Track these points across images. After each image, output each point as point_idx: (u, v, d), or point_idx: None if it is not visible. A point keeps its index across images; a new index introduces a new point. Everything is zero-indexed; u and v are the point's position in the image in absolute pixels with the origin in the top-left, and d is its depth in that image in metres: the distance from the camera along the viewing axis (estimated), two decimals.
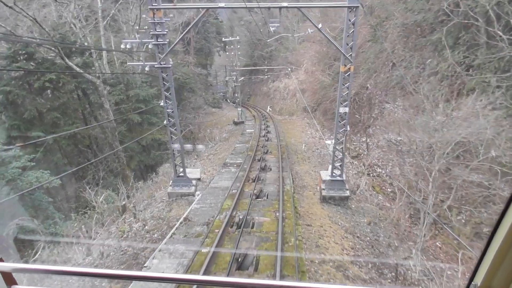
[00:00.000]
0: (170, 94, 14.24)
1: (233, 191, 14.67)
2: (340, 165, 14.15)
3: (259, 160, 19.48)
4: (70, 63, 23.96)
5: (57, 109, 24.58)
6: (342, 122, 13.75)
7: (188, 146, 38.06)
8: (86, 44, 27.51)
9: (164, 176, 23.91)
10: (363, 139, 27.31)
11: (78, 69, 24.30)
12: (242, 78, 78.57)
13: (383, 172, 23.07)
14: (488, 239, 1.54)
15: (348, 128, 13.20)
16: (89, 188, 21.27)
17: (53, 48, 23.35)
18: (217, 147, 29.82)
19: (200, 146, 37.04)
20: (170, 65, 13.66)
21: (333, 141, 13.98)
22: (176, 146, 14.83)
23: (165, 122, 14.47)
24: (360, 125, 28.31)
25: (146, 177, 27.64)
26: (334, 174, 14.20)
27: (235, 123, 41.49)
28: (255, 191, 14.34)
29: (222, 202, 13.54)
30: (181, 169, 15.38)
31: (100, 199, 20.22)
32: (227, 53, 64.50)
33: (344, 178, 14.49)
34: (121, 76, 28.65)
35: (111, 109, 27.10)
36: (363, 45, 29.56)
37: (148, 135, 28.17)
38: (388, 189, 21.51)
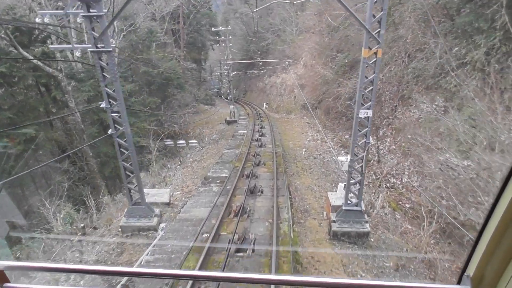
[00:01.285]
0: (115, 91, 9.99)
1: (204, 235, 10.34)
2: (358, 190, 10.21)
3: (247, 177, 15.02)
4: (25, 53, 19.99)
5: (11, 108, 20.66)
6: (362, 131, 9.82)
7: (181, 142, 34.48)
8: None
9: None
10: (373, 142, 23.56)
11: (30, 57, 20.24)
12: (237, 72, 74.89)
13: (398, 182, 19.31)
14: (480, 230, 1.56)
15: (371, 141, 9.22)
16: (50, 201, 17.50)
17: (2, 35, 19.36)
18: (204, 152, 25.96)
19: (193, 142, 33.88)
20: (111, 49, 9.45)
21: (348, 157, 10.02)
22: (131, 163, 10.73)
23: (109, 131, 10.25)
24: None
25: (122, 186, 23.83)
26: (349, 202, 10.26)
27: (228, 122, 37.62)
28: (236, 237, 9.78)
29: (186, 254, 9.37)
30: (150, 189, 11.51)
31: (60, 217, 16.45)
32: (220, 45, 60.65)
33: (363, 207, 10.50)
34: (93, 69, 24.68)
35: (80, 108, 23.12)
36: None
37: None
38: (406, 205, 17.74)
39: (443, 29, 18.84)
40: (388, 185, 19.38)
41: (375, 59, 8.39)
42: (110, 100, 9.51)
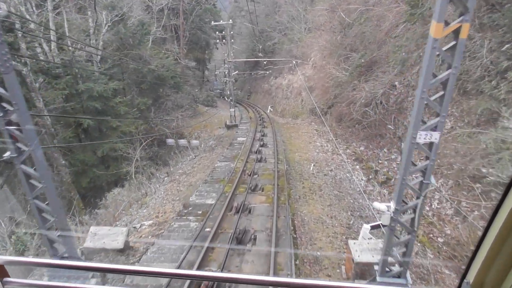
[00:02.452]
0: (8, 89, 5.94)
1: None
2: (403, 254, 6.34)
3: (237, 211, 10.78)
4: None
5: None
6: (420, 167, 5.78)
7: (182, 142, 31.61)
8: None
9: (111, 206, 16.74)
10: (392, 156, 20.04)
11: None
12: (238, 72, 71.52)
13: (427, 208, 15.75)
14: (481, 237, 1.57)
15: (434, 182, 5.43)
16: (10, 218, 14.34)
17: None
18: (197, 161, 22.51)
19: (194, 142, 32.10)
20: None
21: (391, 205, 6.06)
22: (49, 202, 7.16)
23: (6, 154, 6.30)
24: (388, 137, 21.05)
25: (101, 199, 20.52)
26: (388, 270, 6.52)
27: (228, 127, 34.18)
28: None
29: None
30: (100, 228, 7.98)
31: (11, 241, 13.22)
32: (223, 44, 57.29)
33: (410, 280, 6.64)
34: (69, 65, 21.37)
35: (52, 108, 19.75)
36: (393, 29, 22.15)
37: (105, 143, 21.01)
38: (439, 239, 14.22)
39: (489, 22, 15.26)
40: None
41: (454, 42, 4.64)
42: (5, 104, 5.76)
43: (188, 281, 7.01)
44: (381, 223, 6.92)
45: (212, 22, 35.05)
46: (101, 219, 14.97)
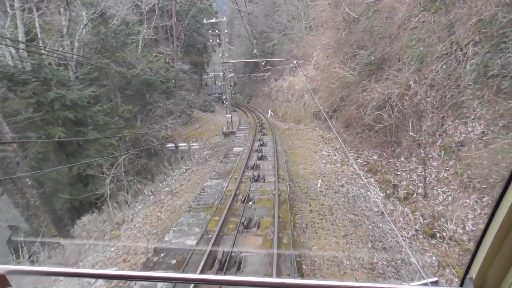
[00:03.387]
0: None
1: None
2: None
3: (221, 267, 7.49)
4: None
5: None
6: None
7: (183, 145, 29.80)
8: None
9: (82, 234, 13.98)
10: (412, 167, 17.25)
11: None
12: (240, 76, 69.14)
13: (460, 231, 12.94)
14: (482, 232, 1.58)
15: None
16: None
17: None
18: (187, 177, 19.77)
19: (194, 145, 30.12)
20: None
21: None
22: None
23: None
24: (404, 144, 18.31)
25: (74, 223, 17.74)
26: None
27: (224, 134, 31.43)
28: None
29: None
30: None
31: None
32: (217, 43, 54.63)
33: None
34: (38, 70, 18.66)
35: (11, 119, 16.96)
36: (409, 20, 19.34)
37: (83, 156, 18.34)
38: None
39: None
40: (444, 234, 13.06)
41: None
42: None
43: (192, 285, 6.62)
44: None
45: (205, 20, 32.17)
46: (64, 258, 12.14)
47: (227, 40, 30.10)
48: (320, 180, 15.85)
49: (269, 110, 45.91)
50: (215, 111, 50.02)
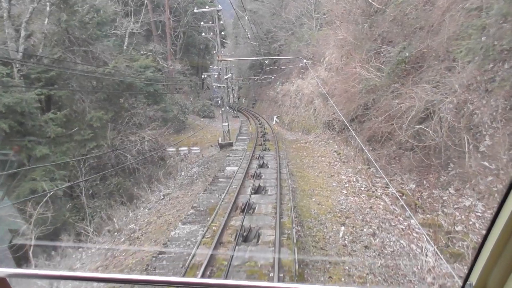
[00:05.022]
0: None
1: None
2: None
3: None
4: None
5: None
6: None
7: (184, 149, 27.61)
8: None
9: None
10: (467, 203, 12.29)
11: None
12: (241, 78, 64.58)
13: None
14: (483, 239, 1.57)
15: None
16: None
17: None
18: (162, 207, 14.95)
19: (195, 149, 28.11)
20: None
21: None
22: None
23: None
24: (453, 169, 13.37)
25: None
26: None
27: (221, 146, 26.61)
28: None
29: None
30: None
31: None
32: (210, 37, 49.90)
33: None
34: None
35: None
36: (454, 4, 14.38)
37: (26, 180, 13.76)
38: None
39: None
40: None
41: None
42: None
43: None
44: None
45: (195, 9, 27.30)
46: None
47: (222, 33, 25.30)
48: (343, 228, 10.83)
49: (274, 117, 41.05)
50: (214, 117, 45.15)
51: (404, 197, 14.18)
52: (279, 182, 13.72)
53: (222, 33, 27.73)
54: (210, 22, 25.12)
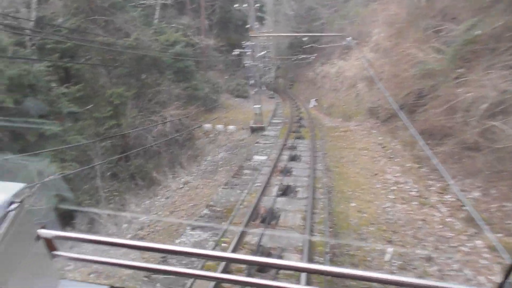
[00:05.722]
0: None
1: None
2: None
3: None
4: None
5: None
6: None
7: (220, 127, 26.47)
8: None
9: None
10: None
11: None
12: (284, 59, 61.98)
13: None
14: None
15: None
16: None
17: None
18: (177, 201, 13.26)
19: (231, 127, 26.57)
20: None
21: None
22: None
23: None
24: None
25: None
26: None
27: (252, 129, 24.67)
28: None
29: None
30: None
31: None
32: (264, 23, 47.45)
33: None
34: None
35: None
36: None
37: None
38: None
39: None
40: None
41: None
42: None
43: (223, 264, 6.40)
44: None
45: None
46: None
47: (258, 5, 22.92)
48: (389, 247, 8.59)
49: (312, 100, 38.45)
50: (248, 96, 43.08)
51: (464, 208, 11.66)
52: (312, 181, 11.50)
53: (258, 5, 25.41)
54: None
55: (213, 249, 7.32)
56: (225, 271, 6.32)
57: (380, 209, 11.10)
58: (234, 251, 6.97)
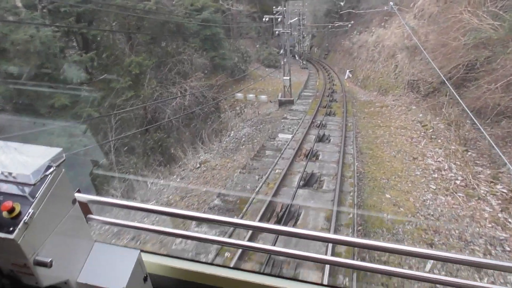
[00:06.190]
0: None
1: None
2: None
3: None
4: None
5: None
6: None
7: (251, 96, 25.55)
8: None
9: None
10: None
11: None
12: (320, 27, 59.05)
13: None
14: None
15: None
16: None
17: None
18: (193, 180, 12.33)
19: (263, 97, 25.81)
20: None
21: None
22: None
23: None
24: None
25: None
26: None
27: (280, 103, 23.23)
28: None
29: None
30: None
31: None
32: None
33: None
34: None
35: None
36: None
37: None
38: None
39: None
40: None
41: None
42: None
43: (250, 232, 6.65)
44: None
45: None
46: None
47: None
48: (430, 264, 7.13)
49: (347, 71, 36.12)
50: (280, 67, 41.21)
51: None
52: (340, 168, 10.02)
53: None
54: None
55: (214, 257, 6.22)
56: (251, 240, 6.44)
57: (419, 202, 9.57)
58: (238, 261, 5.79)
